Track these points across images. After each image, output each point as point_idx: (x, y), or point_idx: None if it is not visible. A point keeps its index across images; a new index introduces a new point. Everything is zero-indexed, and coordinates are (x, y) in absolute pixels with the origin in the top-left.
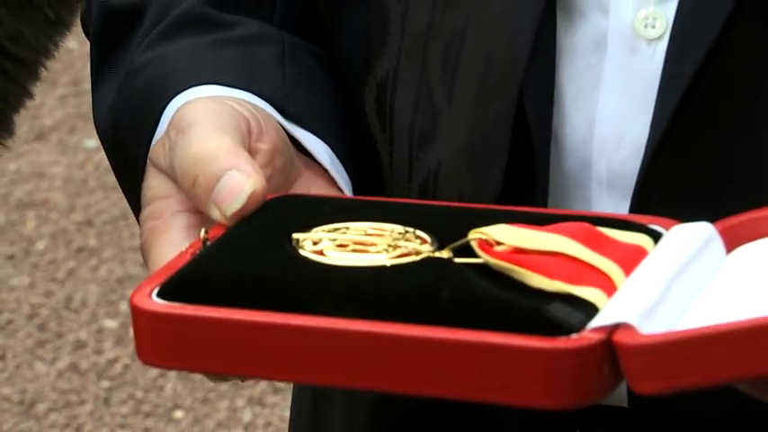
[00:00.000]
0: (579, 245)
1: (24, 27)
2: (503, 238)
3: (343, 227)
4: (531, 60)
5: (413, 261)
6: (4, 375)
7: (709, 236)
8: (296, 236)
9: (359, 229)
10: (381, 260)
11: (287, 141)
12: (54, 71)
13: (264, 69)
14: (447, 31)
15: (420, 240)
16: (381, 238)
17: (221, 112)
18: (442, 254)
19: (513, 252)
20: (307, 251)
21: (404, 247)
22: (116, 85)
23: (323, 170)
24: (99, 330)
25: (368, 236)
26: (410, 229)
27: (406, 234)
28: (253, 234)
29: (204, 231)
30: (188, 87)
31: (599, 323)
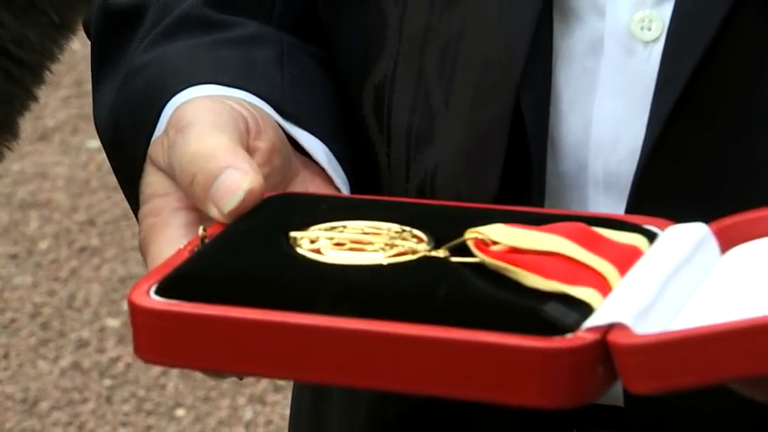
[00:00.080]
0: (575, 245)
1: (29, 31)
2: (499, 238)
3: (341, 225)
4: (528, 63)
5: (409, 260)
6: (8, 374)
7: (703, 236)
8: (293, 234)
9: (356, 227)
10: (378, 259)
11: (285, 141)
12: (57, 72)
13: (263, 69)
14: (444, 33)
15: (417, 239)
16: (378, 236)
17: (220, 111)
18: (438, 253)
19: (509, 252)
20: (304, 249)
21: (400, 246)
22: (116, 85)
23: (320, 170)
24: (101, 329)
25: (365, 234)
26: (407, 228)
27: (403, 233)
28: (250, 232)
29: (202, 229)
30: (187, 87)
31: (594, 323)
